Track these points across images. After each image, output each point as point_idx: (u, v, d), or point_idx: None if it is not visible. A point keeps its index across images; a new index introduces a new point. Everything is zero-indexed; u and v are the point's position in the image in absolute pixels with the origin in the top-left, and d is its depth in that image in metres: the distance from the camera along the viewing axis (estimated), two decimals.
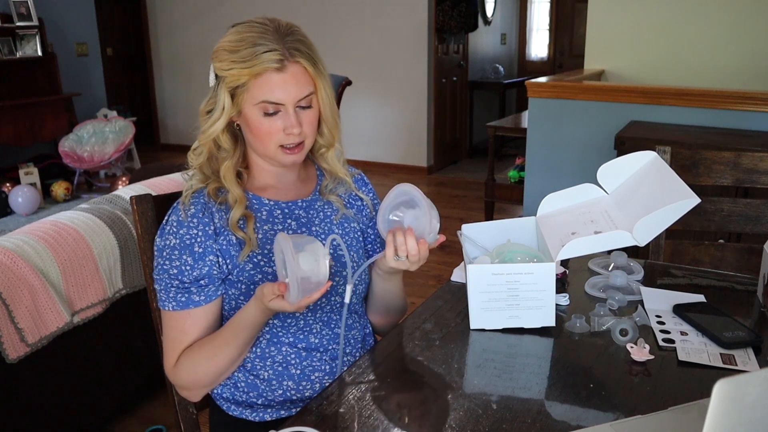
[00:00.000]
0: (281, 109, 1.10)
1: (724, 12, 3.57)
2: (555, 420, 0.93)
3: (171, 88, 6.96)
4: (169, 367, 1.17)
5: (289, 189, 1.22)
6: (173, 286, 1.13)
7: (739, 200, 1.70)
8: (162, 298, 1.15)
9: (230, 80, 1.09)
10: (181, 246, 1.12)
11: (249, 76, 1.07)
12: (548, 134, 3.24)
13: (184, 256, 1.12)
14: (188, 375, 1.15)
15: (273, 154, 1.14)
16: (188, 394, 1.20)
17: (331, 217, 1.24)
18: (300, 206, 1.21)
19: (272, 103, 1.09)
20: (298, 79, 1.09)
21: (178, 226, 1.13)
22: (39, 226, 2.00)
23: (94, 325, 2.01)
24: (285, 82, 1.08)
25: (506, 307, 1.17)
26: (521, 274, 1.16)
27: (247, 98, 1.10)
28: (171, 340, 1.16)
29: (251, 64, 1.06)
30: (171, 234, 1.13)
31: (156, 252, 1.16)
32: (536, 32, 8.11)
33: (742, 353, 1.09)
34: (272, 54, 1.07)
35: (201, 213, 1.13)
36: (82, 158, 5.01)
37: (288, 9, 5.96)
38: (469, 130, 6.84)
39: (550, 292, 1.17)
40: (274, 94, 1.09)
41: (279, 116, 1.11)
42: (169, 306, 1.14)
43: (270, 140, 1.12)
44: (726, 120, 2.84)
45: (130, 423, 2.27)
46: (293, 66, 1.09)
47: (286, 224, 1.19)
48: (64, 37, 5.88)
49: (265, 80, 1.08)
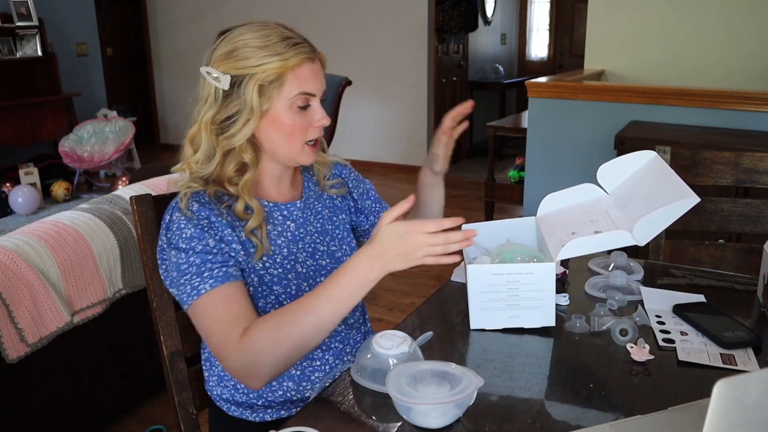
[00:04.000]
0: (311, 102, 1.12)
1: (724, 12, 3.57)
2: (555, 420, 0.93)
3: (171, 88, 6.95)
4: (232, 344, 1.01)
5: (284, 192, 1.22)
6: (206, 268, 1.04)
7: (739, 200, 1.70)
8: (195, 285, 1.04)
9: (263, 76, 1.05)
10: (200, 233, 1.06)
11: (286, 68, 1.06)
12: (548, 134, 3.24)
13: (205, 238, 1.06)
14: (267, 342, 0.99)
15: (298, 153, 1.13)
16: (255, 374, 1.01)
17: (322, 212, 1.25)
18: (298, 207, 1.21)
19: (308, 94, 1.10)
20: (322, 71, 1.13)
21: (187, 220, 1.07)
22: (39, 226, 2.00)
23: (94, 325, 2.01)
24: (317, 73, 1.11)
25: (506, 307, 1.17)
26: (521, 274, 1.16)
27: (281, 94, 1.07)
28: (221, 315, 1.02)
29: (288, 56, 1.06)
30: (183, 227, 1.07)
31: (170, 251, 1.07)
32: (536, 32, 8.11)
33: (742, 353, 1.09)
34: (304, 45, 1.09)
35: (207, 209, 1.09)
36: (82, 158, 5.01)
37: (288, 9, 5.96)
38: (469, 130, 6.82)
39: (551, 292, 1.17)
40: (310, 85, 1.10)
41: (307, 111, 1.12)
42: (205, 287, 1.03)
43: (300, 137, 1.12)
44: (726, 120, 2.84)
45: (130, 423, 2.27)
46: (318, 58, 1.12)
47: (285, 226, 1.19)
48: (64, 37, 5.88)
49: (303, 71, 1.08)
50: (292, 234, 1.19)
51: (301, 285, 1.16)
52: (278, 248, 1.16)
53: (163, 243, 1.09)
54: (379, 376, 1.00)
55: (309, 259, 1.19)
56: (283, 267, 1.15)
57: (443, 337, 1.17)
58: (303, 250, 1.19)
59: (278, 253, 1.15)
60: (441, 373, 0.95)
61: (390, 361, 1.00)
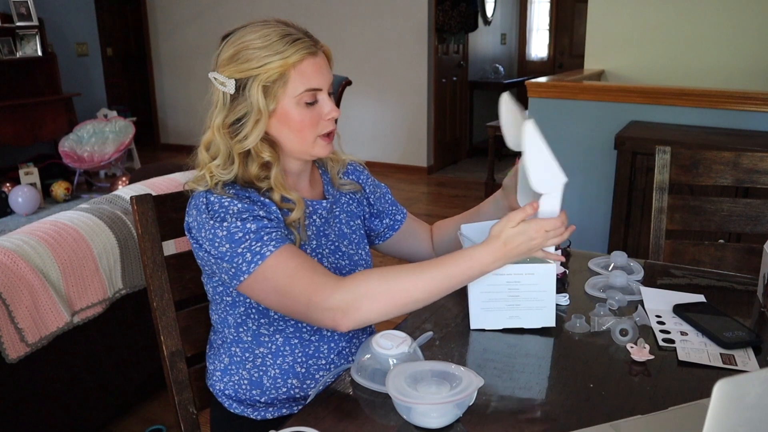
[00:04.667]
0: (319, 97, 1.12)
1: (724, 12, 3.57)
2: (555, 420, 0.93)
3: (171, 88, 6.95)
4: (331, 285, 1.01)
5: (304, 189, 1.23)
6: (265, 232, 1.04)
7: (739, 200, 1.70)
8: (256, 251, 1.02)
9: (266, 76, 1.06)
10: (249, 206, 1.06)
11: (287, 66, 1.07)
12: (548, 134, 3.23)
13: (256, 210, 1.06)
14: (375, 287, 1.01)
15: (311, 147, 1.14)
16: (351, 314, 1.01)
17: (340, 216, 1.27)
18: (324, 206, 1.23)
19: (314, 89, 1.10)
20: (328, 64, 1.13)
21: (230, 199, 1.06)
22: (39, 226, 2.00)
23: (94, 325, 2.01)
24: (320, 66, 1.11)
25: (506, 308, 1.18)
26: (522, 274, 1.16)
27: (286, 92, 1.08)
28: (299, 268, 1.03)
29: (289, 53, 1.06)
30: (228, 204, 1.05)
31: (221, 224, 1.04)
32: (536, 32, 8.11)
33: (742, 353, 1.09)
34: (304, 41, 1.08)
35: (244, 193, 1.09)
36: (82, 158, 5.01)
37: (288, 9, 5.96)
38: (469, 130, 6.84)
39: (551, 292, 1.17)
40: (315, 79, 1.10)
41: (316, 105, 1.12)
42: (270, 249, 1.02)
43: (312, 132, 1.12)
44: (726, 120, 2.84)
45: (130, 423, 2.27)
46: (321, 52, 1.12)
47: (312, 220, 1.20)
48: (64, 37, 5.88)
49: (306, 67, 1.08)
50: (317, 229, 1.21)
51: None
52: (309, 239, 1.18)
53: (204, 220, 1.06)
54: (379, 376, 1.00)
55: (331, 256, 1.21)
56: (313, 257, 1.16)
57: (443, 337, 1.17)
58: (326, 246, 1.21)
59: (308, 244, 1.17)
60: (441, 373, 0.95)
61: (390, 361, 1.00)
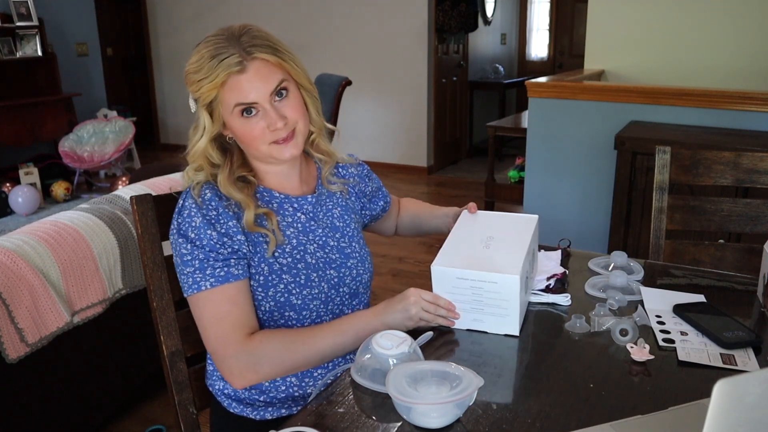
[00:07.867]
0: (258, 108, 1.12)
1: (724, 12, 3.57)
2: (555, 420, 0.93)
3: (171, 88, 6.96)
4: (236, 344, 1.09)
5: (295, 186, 1.25)
6: (209, 265, 1.09)
7: (739, 200, 1.70)
8: (196, 280, 1.09)
9: (203, 99, 1.12)
10: (206, 223, 1.11)
11: (216, 88, 1.10)
12: (548, 134, 3.24)
13: (210, 231, 1.11)
14: (274, 352, 1.09)
15: (268, 153, 1.16)
16: (249, 376, 1.10)
17: (333, 210, 1.28)
18: (309, 201, 1.25)
19: (246, 104, 1.11)
20: (263, 73, 1.11)
21: (197, 208, 1.12)
22: (39, 226, 2.00)
23: (94, 325, 2.01)
24: (250, 80, 1.10)
25: (471, 310, 1.17)
26: (484, 282, 1.14)
27: (224, 110, 1.13)
28: (224, 315, 1.09)
29: (214, 76, 1.09)
30: (192, 216, 1.12)
31: (178, 237, 1.12)
32: (536, 32, 8.11)
33: (742, 353, 1.09)
34: (230, 59, 1.09)
35: (217, 198, 1.14)
36: (82, 158, 5.01)
37: (287, 9, 5.97)
38: (469, 130, 6.84)
39: (514, 302, 1.14)
40: (244, 95, 1.10)
41: (260, 116, 1.13)
42: (206, 284, 1.09)
43: (259, 142, 1.14)
44: (726, 120, 2.84)
45: (130, 423, 2.27)
46: (253, 63, 1.10)
47: (296, 217, 1.22)
48: (64, 37, 5.88)
49: (232, 85, 1.10)
50: (302, 225, 1.22)
51: (310, 275, 1.18)
52: (288, 239, 1.19)
53: (173, 227, 1.14)
54: (378, 376, 1.00)
55: (319, 251, 1.22)
56: (292, 257, 1.18)
57: (443, 337, 1.17)
58: (313, 241, 1.22)
59: (288, 243, 1.19)
60: (441, 373, 0.95)
61: (390, 361, 1.00)
